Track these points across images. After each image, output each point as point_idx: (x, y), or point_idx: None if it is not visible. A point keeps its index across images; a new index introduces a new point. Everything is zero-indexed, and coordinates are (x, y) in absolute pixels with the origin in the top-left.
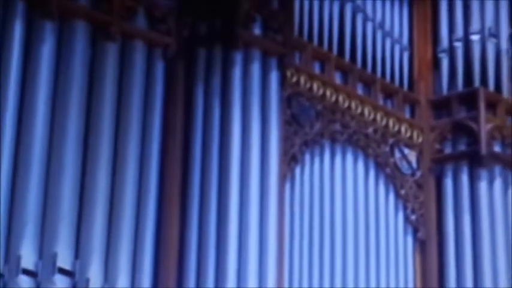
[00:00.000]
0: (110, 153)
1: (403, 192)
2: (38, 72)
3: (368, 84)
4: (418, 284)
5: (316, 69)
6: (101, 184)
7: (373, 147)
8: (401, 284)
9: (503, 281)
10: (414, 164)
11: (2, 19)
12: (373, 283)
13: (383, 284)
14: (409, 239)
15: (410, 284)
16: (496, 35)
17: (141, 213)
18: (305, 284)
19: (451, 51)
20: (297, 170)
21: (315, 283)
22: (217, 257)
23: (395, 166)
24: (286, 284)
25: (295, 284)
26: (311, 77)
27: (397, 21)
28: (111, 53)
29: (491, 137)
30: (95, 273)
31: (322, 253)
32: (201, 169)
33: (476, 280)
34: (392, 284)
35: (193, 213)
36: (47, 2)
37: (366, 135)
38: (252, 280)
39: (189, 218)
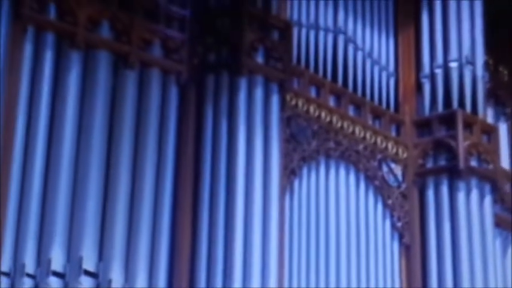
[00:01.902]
0: (129, 167)
1: (390, 202)
2: (66, 96)
3: (358, 106)
4: (404, 285)
5: (312, 93)
6: (121, 195)
7: (363, 162)
8: (389, 284)
9: (479, 281)
10: (400, 177)
11: (34, 49)
12: (363, 283)
13: (372, 284)
14: (395, 244)
15: (397, 284)
16: (472, 63)
17: (157, 221)
18: (303, 283)
19: (432, 77)
20: (296, 183)
21: (312, 283)
22: (225, 260)
23: (383, 179)
24: (286, 283)
25: (295, 283)
26: (308, 100)
27: (384, 50)
28: (131, 79)
29: (468, 153)
30: (116, 275)
31: (318, 256)
32: (210, 181)
33: (455, 281)
34: (380, 284)
35: (204, 221)
36: (74, 35)
37: (357, 152)
38: (255, 280)
39: (199, 225)
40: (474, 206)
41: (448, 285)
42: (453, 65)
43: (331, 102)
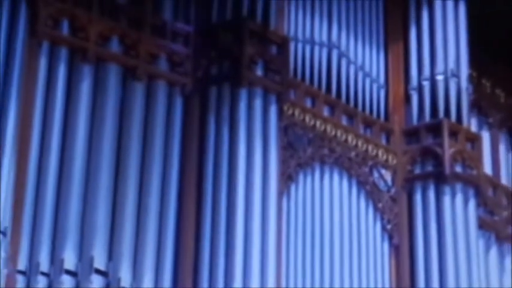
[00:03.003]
0: (137, 173)
1: (380, 205)
2: (78, 106)
3: (351, 116)
4: (393, 283)
5: (308, 103)
6: (129, 200)
7: (355, 169)
8: (379, 282)
9: (464, 279)
10: (389, 182)
11: (49, 62)
12: (355, 282)
13: (364, 283)
14: (386, 245)
15: (387, 282)
16: (457, 75)
17: (163, 224)
18: (300, 283)
19: (420, 88)
20: (293, 188)
21: (308, 282)
22: (226, 261)
23: (374, 184)
24: (284, 283)
25: (292, 283)
26: (304, 110)
27: (375, 64)
28: (138, 91)
29: (454, 160)
30: (125, 274)
31: (314, 256)
32: (213, 186)
33: (441, 279)
34: (371, 282)
35: (206, 223)
36: (86, 49)
37: (349, 158)
38: (255, 280)
39: (202, 228)
40: (459, 209)
41: (435, 283)
42: (439, 77)
43: (326, 112)
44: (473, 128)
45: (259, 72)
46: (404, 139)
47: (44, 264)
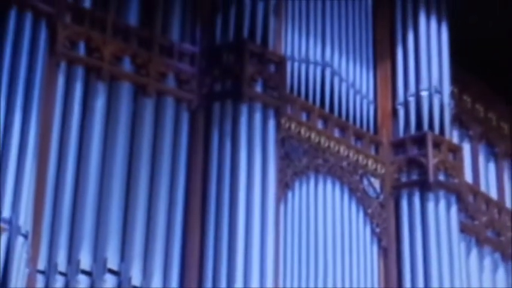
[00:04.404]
0: (147, 181)
1: (369, 211)
2: (93, 120)
3: (343, 129)
4: (382, 282)
5: (303, 117)
6: (140, 206)
7: (347, 177)
8: (369, 282)
9: (446, 279)
10: (378, 190)
11: (66, 80)
12: (347, 282)
13: (355, 282)
14: (375, 247)
15: (376, 282)
16: (440, 92)
17: (170, 228)
18: (296, 283)
19: (406, 104)
20: (289, 194)
21: (303, 282)
22: (229, 263)
23: (364, 191)
24: (281, 283)
25: (288, 283)
26: (299, 123)
27: (365, 81)
28: (148, 106)
29: (437, 169)
30: (135, 274)
31: (309, 258)
32: (216, 193)
33: (426, 279)
34: (362, 282)
35: (210, 228)
36: (100, 68)
37: (341, 168)
38: (255, 280)
39: (207, 232)
40: (442, 214)
41: (420, 283)
42: (424, 93)
43: (320, 125)
44: (455, 140)
45: (258, 89)
46: (392, 150)
47: (62, 265)
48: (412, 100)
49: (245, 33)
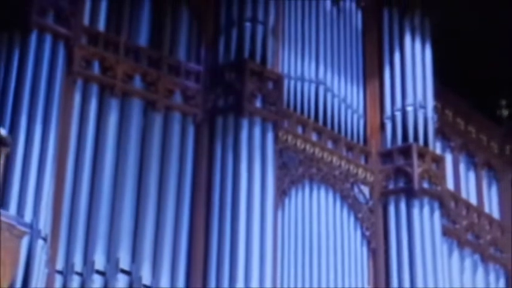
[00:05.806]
0: (156, 189)
1: (360, 215)
2: (107, 133)
3: (335, 141)
4: (371, 282)
5: (299, 130)
6: (150, 211)
7: (339, 185)
8: (359, 281)
9: (430, 280)
10: (368, 196)
11: (82, 97)
12: (339, 281)
13: (346, 282)
14: (364, 249)
15: (365, 281)
16: (424, 107)
17: (177, 232)
18: (292, 282)
19: (393, 118)
20: (286, 201)
21: (299, 282)
22: (231, 265)
23: (355, 197)
24: (279, 283)
25: (286, 283)
26: (295, 136)
27: (355, 97)
28: (157, 120)
29: (421, 177)
30: (145, 273)
31: (304, 260)
32: (219, 201)
33: (411, 279)
34: (352, 281)
35: (214, 232)
36: (113, 86)
37: (334, 176)
38: (255, 281)
39: (210, 236)
40: (426, 219)
41: (406, 282)
42: (409, 108)
43: (314, 137)
44: (438, 150)
45: (258, 104)
46: (380, 160)
47: (78, 265)
48: (398, 114)
49: (246, 54)
